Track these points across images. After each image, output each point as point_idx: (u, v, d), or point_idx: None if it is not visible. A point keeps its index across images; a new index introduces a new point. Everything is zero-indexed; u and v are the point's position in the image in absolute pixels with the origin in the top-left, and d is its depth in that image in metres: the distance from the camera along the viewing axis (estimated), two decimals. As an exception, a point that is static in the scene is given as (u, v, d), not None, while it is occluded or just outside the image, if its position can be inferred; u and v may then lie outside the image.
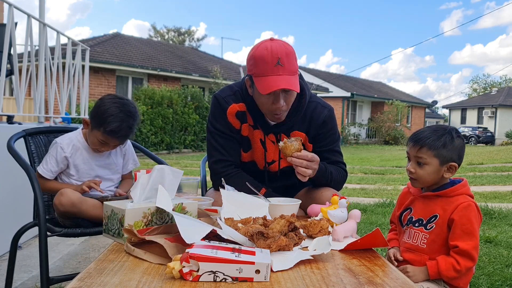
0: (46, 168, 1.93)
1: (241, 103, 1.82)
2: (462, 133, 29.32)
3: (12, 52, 3.73)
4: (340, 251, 1.22)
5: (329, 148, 1.87)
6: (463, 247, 1.45)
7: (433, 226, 1.54)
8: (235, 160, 1.85)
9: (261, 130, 1.84)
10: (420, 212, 1.59)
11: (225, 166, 1.81)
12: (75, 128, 2.09)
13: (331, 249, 1.19)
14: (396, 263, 1.59)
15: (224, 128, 1.82)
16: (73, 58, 5.06)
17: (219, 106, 1.83)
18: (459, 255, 1.46)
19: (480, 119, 33.22)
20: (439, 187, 1.58)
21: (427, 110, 34.81)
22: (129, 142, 2.14)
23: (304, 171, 1.62)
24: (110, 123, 1.87)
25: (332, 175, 1.80)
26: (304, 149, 1.69)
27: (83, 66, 5.45)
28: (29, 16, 3.75)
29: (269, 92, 1.61)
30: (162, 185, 1.38)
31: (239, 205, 1.48)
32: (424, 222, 1.57)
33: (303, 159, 1.61)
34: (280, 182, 1.92)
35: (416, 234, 1.58)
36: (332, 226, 1.39)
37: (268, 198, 1.59)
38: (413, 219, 1.61)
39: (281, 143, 1.61)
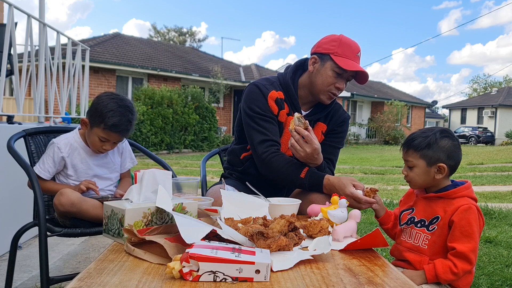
0: (43, 168, 1.92)
1: (279, 91, 1.93)
2: (462, 133, 29.66)
3: (12, 52, 3.72)
4: (340, 251, 1.22)
5: (333, 145, 1.98)
6: (460, 249, 1.44)
7: (435, 228, 1.53)
8: (276, 139, 1.88)
9: None
10: (422, 213, 1.59)
11: (267, 146, 1.84)
12: (75, 128, 2.09)
13: (331, 249, 1.20)
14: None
15: (264, 111, 1.88)
16: (73, 58, 5.06)
17: (259, 92, 1.91)
18: (456, 257, 1.45)
19: (480, 119, 33.23)
20: (441, 189, 1.57)
21: (427, 110, 34.78)
22: (126, 140, 2.14)
23: (295, 145, 1.69)
24: (110, 118, 1.87)
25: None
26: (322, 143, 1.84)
27: (83, 66, 5.45)
28: (29, 16, 3.75)
29: (352, 69, 1.80)
30: (154, 187, 1.37)
31: (239, 205, 1.48)
32: (426, 223, 1.56)
33: (301, 135, 1.67)
34: None
35: (418, 235, 1.57)
36: (332, 226, 1.39)
37: (268, 198, 1.60)
38: (415, 220, 1.60)
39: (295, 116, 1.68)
